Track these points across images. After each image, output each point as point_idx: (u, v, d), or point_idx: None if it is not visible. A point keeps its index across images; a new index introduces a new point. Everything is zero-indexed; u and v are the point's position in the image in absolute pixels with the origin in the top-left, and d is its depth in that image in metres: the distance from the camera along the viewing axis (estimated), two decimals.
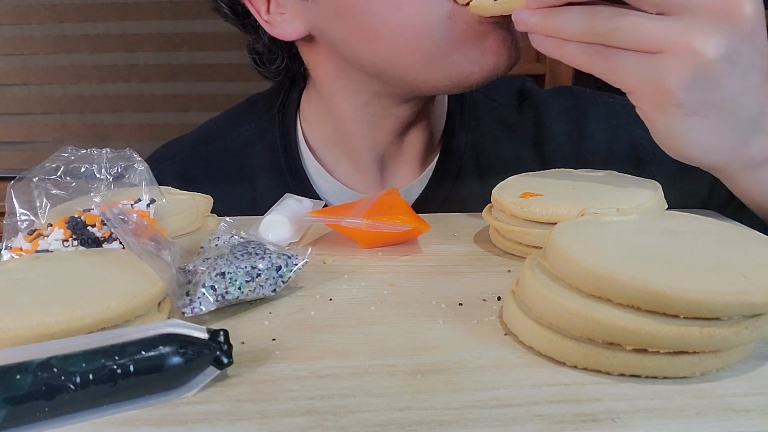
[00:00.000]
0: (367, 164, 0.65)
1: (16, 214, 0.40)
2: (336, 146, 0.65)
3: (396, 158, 0.65)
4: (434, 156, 0.65)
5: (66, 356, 0.25)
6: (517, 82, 0.70)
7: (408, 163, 0.65)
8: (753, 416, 0.25)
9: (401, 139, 0.64)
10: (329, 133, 0.65)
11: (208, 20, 2.00)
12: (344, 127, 0.63)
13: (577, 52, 0.39)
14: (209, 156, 0.69)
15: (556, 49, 0.39)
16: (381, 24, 0.50)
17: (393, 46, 0.51)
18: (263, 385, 0.28)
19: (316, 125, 0.66)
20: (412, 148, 0.64)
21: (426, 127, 0.64)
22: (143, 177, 0.43)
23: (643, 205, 0.42)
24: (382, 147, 0.63)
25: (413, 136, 0.64)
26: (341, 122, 0.63)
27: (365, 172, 0.65)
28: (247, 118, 0.70)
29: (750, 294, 0.26)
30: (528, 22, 0.40)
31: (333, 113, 0.63)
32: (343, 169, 0.66)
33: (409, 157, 0.65)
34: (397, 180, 0.65)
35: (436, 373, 0.29)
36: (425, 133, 0.64)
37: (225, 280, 0.35)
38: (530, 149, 0.65)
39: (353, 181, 0.66)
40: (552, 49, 0.40)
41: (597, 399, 0.26)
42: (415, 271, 0.42)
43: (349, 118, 0.62)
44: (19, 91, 2.06)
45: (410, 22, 0.49)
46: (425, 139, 0.65)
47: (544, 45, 0.40)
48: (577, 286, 0.29)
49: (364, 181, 0.65)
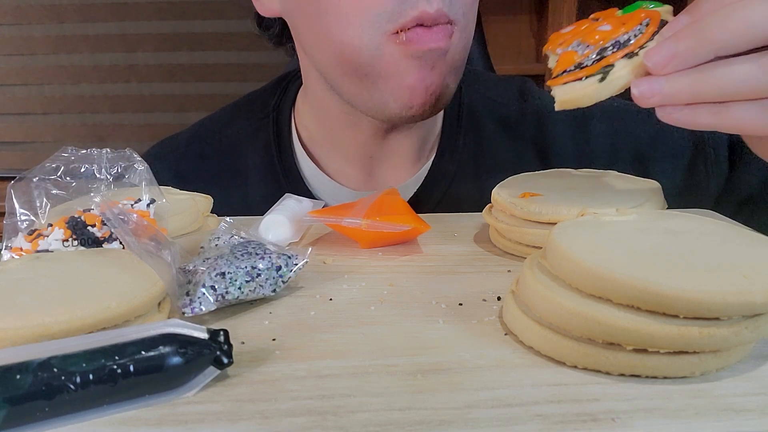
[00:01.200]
0: (356, 163, 0.64)
1: (16, 214, 0.40)
2: (326, 144, 0.65)
3: (385, 158, 0.64)
4: (430, 156, 0.65)
5: (66, 356, 0.25)
6: (519, 82, 0.69)
7: (399, 163, 0.65)
8: (753, 416, 0.25)
9: (387, 140, 0.63)
10: (318, 131, 0.65)
11: (207, 20, 2.00)
12: (330, 126, 0.63)
13: (707, 114, 0.34)
14: (203, 153, 0.69)
15: (691, 116, 0.35)
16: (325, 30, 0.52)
17: (332, 55, 0.53)
18: (263, 385, 0.28)
19: (308, 123, 0.66)
20: (402, 148, 0.64)
21: (415, 129, 0.63)
22: (143, 177, 0.43)
23: (643, 205, 0.42)
24: (368, 147, 0.63)
25: (402, 136, 0.63)
26: (326, 121, 0.63)
27: (355, 170, 0.65)
28: (242, 116, 0.70)
29: (750, 294, 0.26)
30: (662, 92, 0.34)
31: (319, 111, 0.64)
32: (334, 166, 0.66)
33: (400, 158, 0.64)
34: (388, 179, 0.65)
35: (436, 373, 0.29)
36: (415, 134, 0.63)
37: (225, 280, 0.35)
38: (531, 150, 0.64)
39: (345, 178, 0.65)
40: (691, 118, 0.35)
41: (597, 399, 0.26)
42: (415, 271, 0.42)
43: (333, 117, 0.62)
44: (19, 91, 2.06)
45: (344, 39, 0.50)
46: (416, 140, 0.64)
47: (680, 116, 0.35)
48: (577, 286, 0.29)
49: (355, 178, 0.65)
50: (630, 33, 0.38)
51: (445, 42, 0.49)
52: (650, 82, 0.34)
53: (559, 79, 0.39)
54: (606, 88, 0.36)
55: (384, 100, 0.53)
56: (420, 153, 0.65)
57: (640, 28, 0.38)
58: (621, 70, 0.36)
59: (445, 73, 0.52)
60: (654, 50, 0.34)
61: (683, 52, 0.33)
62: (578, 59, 0.39)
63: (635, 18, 0.39)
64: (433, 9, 0.47)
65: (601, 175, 0.48)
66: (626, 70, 0.36)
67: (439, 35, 0.49)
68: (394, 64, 0.50)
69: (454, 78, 0.54)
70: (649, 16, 0.38)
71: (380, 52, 0.50)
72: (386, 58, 0.50)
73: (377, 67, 0.51)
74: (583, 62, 0.38)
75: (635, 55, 0.36)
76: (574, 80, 0.38)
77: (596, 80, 0.36)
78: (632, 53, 0.36)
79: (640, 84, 0.35)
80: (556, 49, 0.41)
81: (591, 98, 0.37)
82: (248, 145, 0.68)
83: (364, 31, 0.49)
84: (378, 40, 0.49)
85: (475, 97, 0.66)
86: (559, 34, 0.43)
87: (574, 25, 0.43)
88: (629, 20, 0.39)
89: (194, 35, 2.01)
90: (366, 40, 0.49)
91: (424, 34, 0.48)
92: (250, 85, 0.76)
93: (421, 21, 0.48)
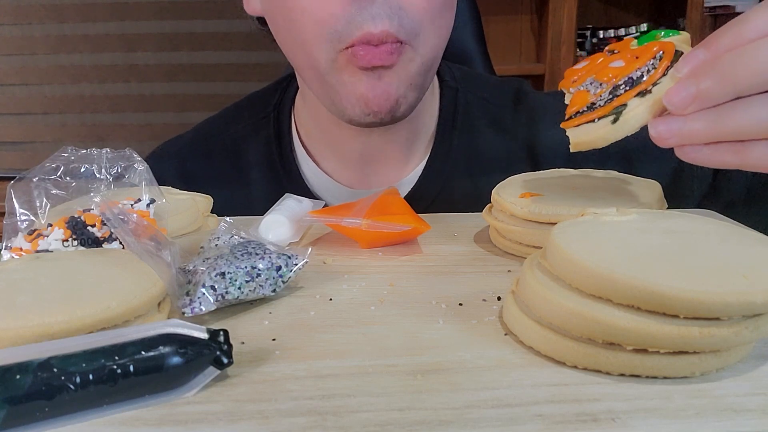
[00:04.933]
0: (348, 161, 0.65)
1: (16, 214, 0.40)
2: (321, 143, 0.67)
3: (374, 157, 0.65)
4: (425, 155, 0.66)
5: (66, 356, 0.25)
6: (514, 84, 0.70)
7: (389, 163, 0.65)
8: (753, 416, 0.25)
9: (372, 139, 0.63)
10: (314, 130, 0.67)
11: (208, 20, 2.01)
12: (321, 125, 0.65)
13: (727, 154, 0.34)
14: (207, 152, 0.70)
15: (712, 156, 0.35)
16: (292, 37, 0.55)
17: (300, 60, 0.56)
18: (263, 385, 0.28)
19: (305, 122, 0.67)
20: (389, 146, 0.64)
21: (399, 129, 0.63)
22: (143, 177, 0.43)
23: (643, 205, 0.42)
24: (356, 145, 0.64)
25: (389, 135, 0.63)
26: (318, 119, 0.64)
27: (348, 168, 0.66)
28: (244, 116, 0.71)
29: (750, 294, 0.26)
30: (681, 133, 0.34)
31: (312, 110, 0.65)
32: (331, 165, 0.67)
33: (393, 157, 0.65)
34: (382, 178, 0.66)
35: (436, 373, 0.29)
36: (400, 134, 0.64)
37: (225, 280, 0.35)
38: (523, 150, 0.65)
39: (341, 177, 0.66)
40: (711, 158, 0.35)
41: (597, 399, 0.26)
42: (415, 271, 0.42)
43: (322, 115, 0.63)
44: (19, 91, 2.06)
45: (305, 48, 0.53)
46: (403, 140, 0.64)
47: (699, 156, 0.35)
48: (577, 286, 0.29)
49: (349, 177, 0.66)
50: (643, 69, 0.37)
51: (389, 59, 0.51)
52: (668, 122, 0.34)
53: (572, 121, 0.39)
54: (619, 129, 0.36)
55: (343, 107, 0.55)
56: (411, 152, 0.66)
57: (653, 62, 0.37)
58: (634, 109, 0.36)
59: (396, 83, 0.53)
60: (675, 90, 0.34)
61: (704, 93, 0.33)
62: (591, 99, 0.39)
63: (648, 51, 0.38)
64: (378, 30, 0.50)
65: (601, 175, 0.49)
66: (640, 110, 0.35)
67: (384, 54, 0.51)
68: (348, 75, 0.53)
69: (414, 91, 0.55)
70: (662, 48, 0.38)
71: (336, 63, 0.52)
72: (339, 69, 0.53)
73: (334, 76, 0.53)
74: (596, 102, 0.38)
75: (648, 92, 0.36)
76: (587, 122, 0.38)
77: (609, 121, 0.36)
78: (645, 90, 0.36)
79: (657, 124, 0.34)
80: (569, 88, 0.41)
81: (605, 140, 0.37)
82: (250, 144, 0.69)
83: (320, 44, 0.52)
84: (332, 54, 0.52)
85: (470, 98, 0.67)
86: (574, 70, 0.42)
87: (589, 60, 0.42)
88: (642, 54, 0.38)
89: (194, 35, 2.02)
90: (323, 52, 0.52)
91: (368, 51, 0.51)
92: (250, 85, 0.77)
93: (367, 41, 0.50)
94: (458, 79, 0.68)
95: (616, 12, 2.06)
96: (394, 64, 0.52)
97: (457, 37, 0.58)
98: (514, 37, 2.05)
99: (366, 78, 0.52)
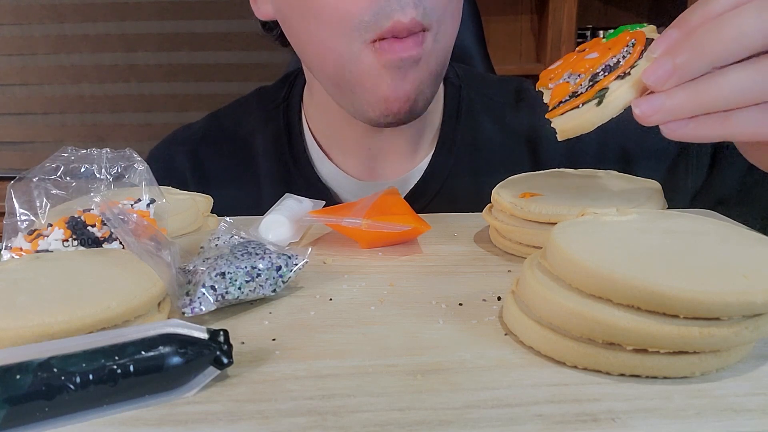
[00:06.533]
0: (356, 155, 0.66)
1: (16, 214, 0.40)
2: (329, 136, 0.67)
3: (383, 151, 0.65)
4: (430, 149, 0.66)
5: (66, 356, 0.25)
6: (515, 82, 0.71)
7: (397, 157, 0.66)
8: (753, 416, 0.25)
9: (383, 135, 0.64)
10: (322, 124, 0.67)
11: (208, 20, 2.00)
12: (330, 120, 0.65)
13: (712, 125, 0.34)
14: (218, 140, 0.71)
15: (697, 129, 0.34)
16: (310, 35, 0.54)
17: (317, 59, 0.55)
18: (263, 385, 0.28)
19: (313, 115, 0.68)
20: (399, 142, 0.65)
21: (415, 124, 0.64)
22: (143, 177, 0.43)
23: (643, 205, 0.42)
24: (366, 141, 0.64)
25: (398, 132, 0.64)
26: (327, 115, 0.65)
27: (356, 162, 0.66)
28: (253, 108, 0.72)
29: (750, 294, 0.26)
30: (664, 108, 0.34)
31: (320, 106, 0.66)
32: (339, 158, 0.67)
33: (397, 152, 0.66)
34: (388, 171, 0.66)
35: (436, 373, 0.29)
36: (410, 130, 0.64)
37: (225, 280, 0.35)
38: (524, 148, 0.66)
39: (350, 168, 0.67)
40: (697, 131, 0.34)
41: (597, 399, 0.26)
42: (415, 271, 0.42)
43: (332, 112, 0.63)
44: (19, 91, 2.06)
45: (327, 44, 0.52)
46: (412, 135, 0.65)
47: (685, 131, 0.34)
48: (577, 286, 0.29)
49: (357, 169, 0.67)
50: (618, 55, 0.38)
51: (417, 50, 0.51)
52: (650, 100, 0.34)
53: (556, 110, 0.39)
54: (605, 110, 0.36)
55: (361, 107, 0.55)
56: (418, 146, 0.66)
57: (627, 49, 0.38)
58: (616, 90, 0.36)
59: (419, 80, 0.53)
60: (652, 67, 0.34)
61: (681, 66, 0.33)
62: (572, 89, 0.39)
63: (621, 41, 0.39)
64: (407, 19, 0.49)
65: (601, 175, 0.49)
66: (623, 90, 0.36)
67: (410, 44, 0.50)
68: (370, 74, 0.52)
69: (431, 83, 0.55)
70: (633, 37, 0.39)
71: (359, 60, 0.52)
72: (363, 67, 0.52)
73: (355, 75, 0.53)
74: (578, 90, 0.38)
75: (628, 75, 0.36)
76: (571, 109, 0.38)
77: (593, 104, 0.36)
78: (624, 73, 0.36)
79: (640, 103, 0.35)
80: (548, 84, 0.42)
81: (592, 122, 0.37)
82: (259, 134, 0.70)
83: (345, 38, 0.51)
84: (357, 48, 0.51)
85: (473, 95, 0.68)
86: (549, 71, 0.43)
87: (562, 60, 0.43)
88: (615, 44, 0.39)
89: (194, 35, 2.01)
90: (346, 46, 0.51)
91: (396, 43, 0.50)
92: (250, 85, 0.77)
93: (396, 32, 0.50)
94: (461, 77, 0.69)
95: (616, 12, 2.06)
96: (420, 56, 0.52)
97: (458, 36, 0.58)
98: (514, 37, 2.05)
99: (390, 78, 0.52)
